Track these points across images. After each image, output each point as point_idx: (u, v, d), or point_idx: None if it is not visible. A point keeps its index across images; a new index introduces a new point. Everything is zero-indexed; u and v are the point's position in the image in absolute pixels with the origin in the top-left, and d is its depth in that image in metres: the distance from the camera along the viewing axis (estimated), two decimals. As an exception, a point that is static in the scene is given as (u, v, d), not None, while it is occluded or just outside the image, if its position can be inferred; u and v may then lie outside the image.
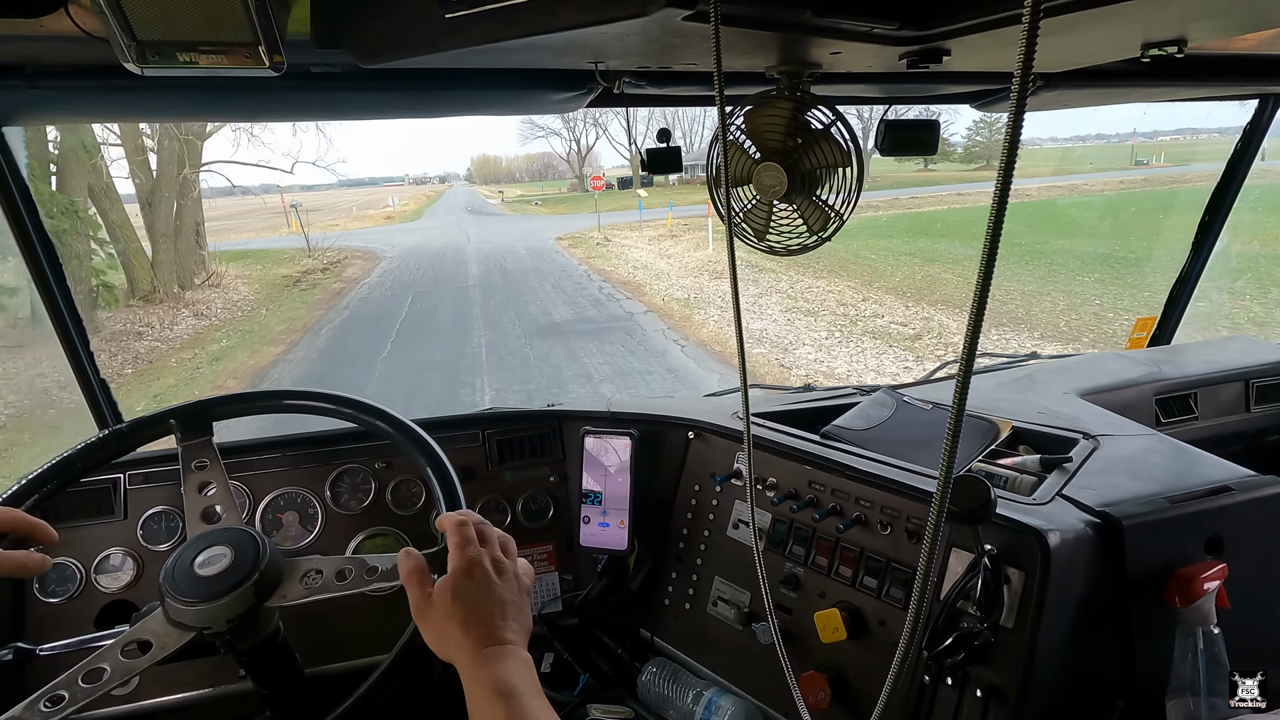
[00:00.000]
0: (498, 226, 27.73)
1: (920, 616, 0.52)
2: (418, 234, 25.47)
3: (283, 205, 26.14)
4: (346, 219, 34.77)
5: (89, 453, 0.99)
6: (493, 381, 7.20)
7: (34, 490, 0.94)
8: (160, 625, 0.83)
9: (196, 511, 0.96)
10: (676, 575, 1.26)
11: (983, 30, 0.78)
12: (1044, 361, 1.81)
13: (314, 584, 0.87)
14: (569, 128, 52.38)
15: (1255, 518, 0.95)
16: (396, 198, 34.11)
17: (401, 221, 34.11)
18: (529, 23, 0.69)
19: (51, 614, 1.18)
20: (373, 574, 0.87)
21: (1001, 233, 0.43)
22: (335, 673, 1.24)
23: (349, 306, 12.19)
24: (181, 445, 1.01)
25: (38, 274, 1.23)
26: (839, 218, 1.00)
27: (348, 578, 0.87)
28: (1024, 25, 0.39)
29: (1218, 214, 1.85)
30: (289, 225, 24.29)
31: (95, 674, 0.78)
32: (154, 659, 0.80)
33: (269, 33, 0.71)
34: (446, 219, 34.20)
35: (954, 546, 0.91)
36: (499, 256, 17.34)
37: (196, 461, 1.00)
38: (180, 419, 1.03)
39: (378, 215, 36.67)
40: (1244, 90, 1.59)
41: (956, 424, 0.47)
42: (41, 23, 0.73)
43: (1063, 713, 0.85)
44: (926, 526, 0.51)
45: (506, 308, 11.01)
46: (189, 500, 0.97)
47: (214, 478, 0.99)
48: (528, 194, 55.62)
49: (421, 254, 19.22)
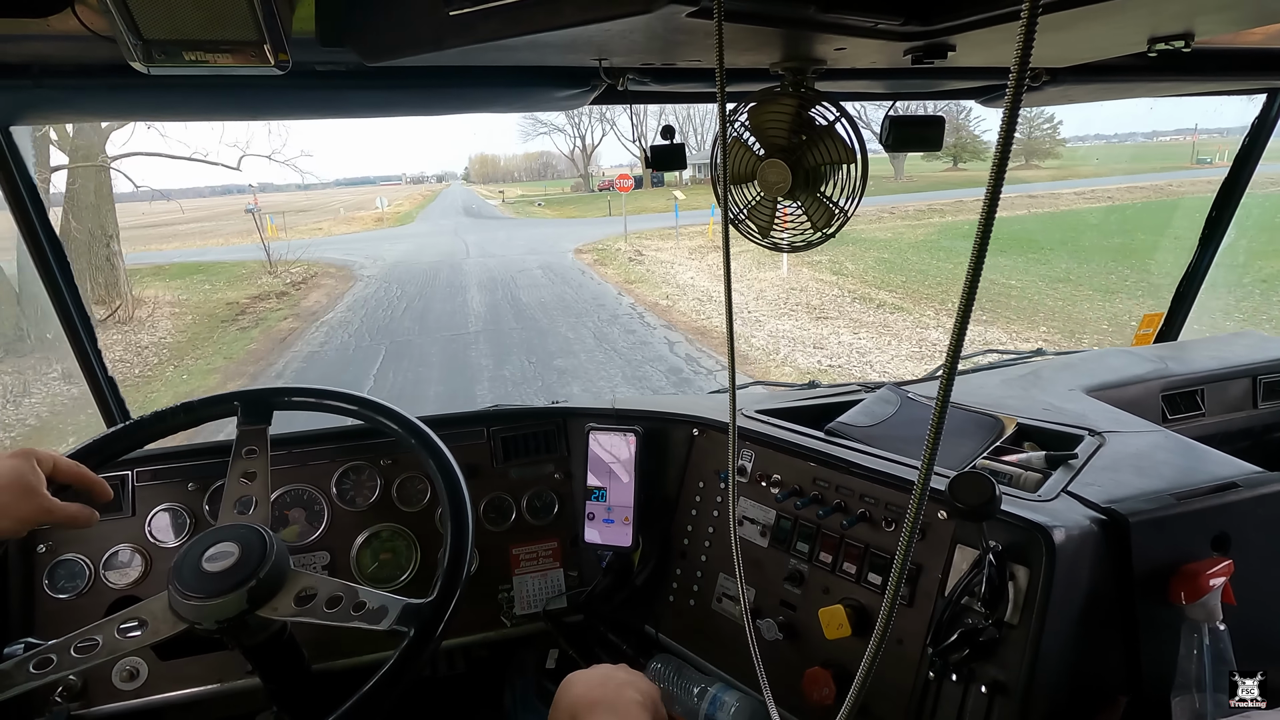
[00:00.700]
0: (501, 234, 23.88)
1: (894, 603, 0.52)
2: (408, 241, 22.08)
3: (255, 204, 22.92)
4: (333, 222, 32.42)
5: (159, 418, 1.06)
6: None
7: (105, 448, 1.02)
8: (160, 609, 0.85)
9: (233, 498, 0.99)
10: (681, 572, 1.26)
11: (987, 25, 0.78)
12: (1050, 358, 1.80)
13: (305, 604, 0.89)
14: (573, 124, 49.42)
15: (1262, 515, 0.95)
16: (386, 199, 30.11)
17: (393, 225, 31.05)
18: (533, 20, 0.70)
19: (61, 609, 1.19)
20: (359, 610, 0.88)
21: (992, 229, 0.43)
22: (341, 669, 1.25)
23: (288, 367, 8.15)
24: (240, 429, 1.07)
25: (45, 272, 1.24)
26: (843, 214, 1.00)
27: (336, 606, 0.88)
28: (1022, 21, 0.39)
29: (1225, 209, 1.84)
30: (264, 230, 21.22)
31: (87, 646, 0.80)
32: (144, 641, 0.82)
33: (274, 31, 0.72)
34: (442, 223, 30.93)
35: (959, 543, 0.91)
36: (508, 279, 13.15)
37: (248, 448, 1.05)
38: (244, 402, 1.09)
39: (368, 218, 33.89)
40: (1252, 85, 1.58)
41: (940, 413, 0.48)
42: (48, 22, 0.73)
43: (1067, 709, 0.85)
44: (907, 513, 0.51)
45: (531, 381, 7.00)
46: (229, 485, 1.00)
47: (258, 467, 1.03)
48: (529, 194, 53.03)
49: (408, 272, 15.01)
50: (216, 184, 49.91)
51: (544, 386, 6.83)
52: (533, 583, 1.38)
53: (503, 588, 1.37)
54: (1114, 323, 8.67)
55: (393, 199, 48.72)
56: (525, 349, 8.14)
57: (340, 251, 19.12)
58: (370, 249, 19.86)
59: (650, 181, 40.25)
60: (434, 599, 0.88)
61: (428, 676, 1.48)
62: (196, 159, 13.94)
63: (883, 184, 33.11)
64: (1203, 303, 1.96)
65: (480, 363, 7.75)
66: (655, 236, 18.44)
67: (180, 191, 27.70)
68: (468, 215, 35.86)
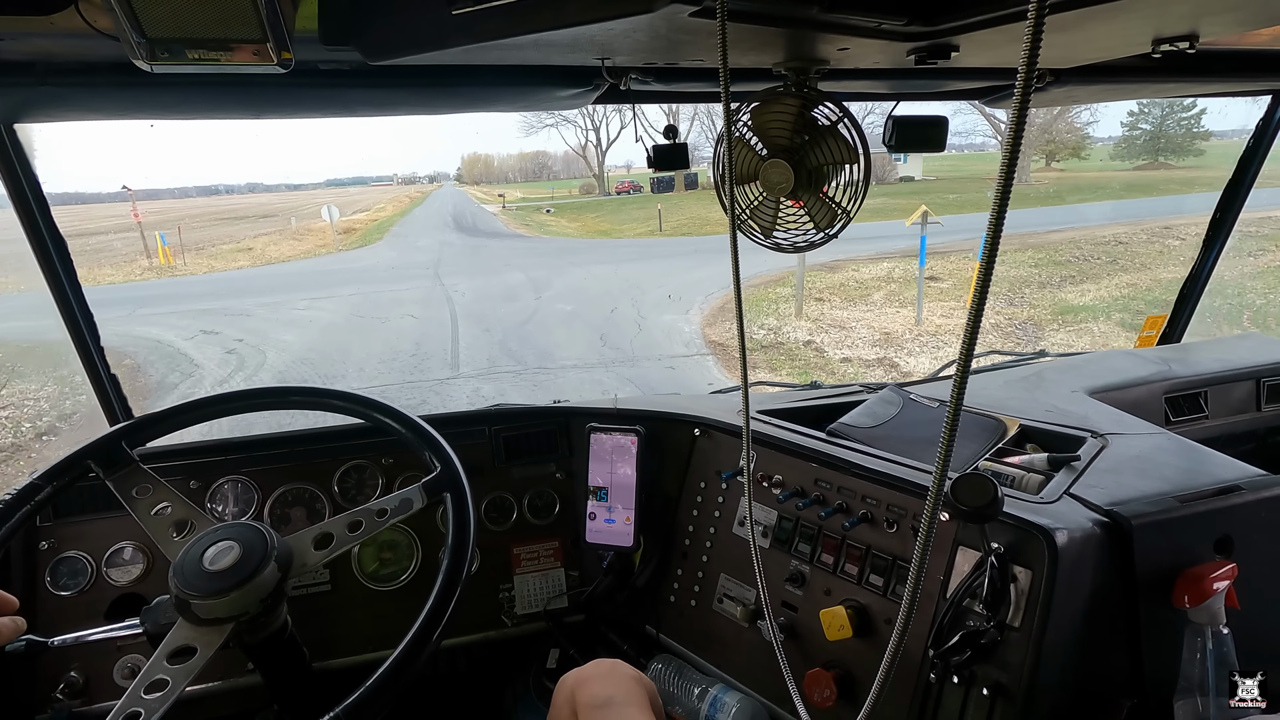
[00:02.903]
0: (511, 277, 13.08)
1: (912, 613, 0.52)
2: (331, 303, 11.27)
3: (135, 216, 18.20)
4: (277, 237, 22.82)
5: (7, 512, 0.93)
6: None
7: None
8: (190, 630, 0.82)
9: (165, 532, 0.93)
10: (682, 572, 1.26)
11: (991, 26, 0.77)
12: (1053, 360, 1.80)
13: (328, 544, 0.89)
14: (586, 115, 36.52)
15: (1265, 518, 0.95)
16: (337, 210, 19.75)
17: (351, 247, 20.91)
18: (536, 19, 0.70)
19: (63, 607, 1.19)
20: (384, 515, 0.90)
21: (1002, 230, 0.42)
22: (342, 667, 1.25)
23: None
24: (108, 481, 0.97)
25: (49, 270, 1.25)
26: (845, 215, 1.00)
27: (359, 529, 0.90)
28: (1029, 22, 0.39)
29: (1229, 211, 1.83)
30: (155, 255, 17.22)
31: (157, 685, 0.78)
32: (204, 659, 0.81)
33: (277, 30, 0.72)
34: (420, 242, 20.83)
35: (961, 545, 0.91)
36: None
37: (136, 489, 0.96)
38: (95, 457, 0.98)
39: (328, 230, 22.92)
40: (1257, 86, 1.58)
41: (954, 420, 0.47)
42: (52, 20, 0.73)
43: (1070, 712, 0.85)
44: (921, 521, 0.51)
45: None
46: (150, 525, 0.94)
47: (164, 496, 0.96)
48: (531, 197, 43.18)
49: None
50: (205, 183, 47.10)
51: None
52: (534, 582, 1.38)
53: (504, 587, 1.37)
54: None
55: (374, 202, 38.78)
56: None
57: (221, 313, 10.69)
58: (278, 311, 10.99)
59: (684, 184, 31.08)
60: (440, 469, 0.95)
61: (428, 675, 1.47)
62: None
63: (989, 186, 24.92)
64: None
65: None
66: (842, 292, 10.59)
67: (167, 191, 25.82)
68: (458, 230, 24.68)
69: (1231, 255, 5.02)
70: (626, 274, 12.89)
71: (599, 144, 41.91)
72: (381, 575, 1.30)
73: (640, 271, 13.15)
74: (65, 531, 1.22)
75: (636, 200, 27.03)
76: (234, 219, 23.84)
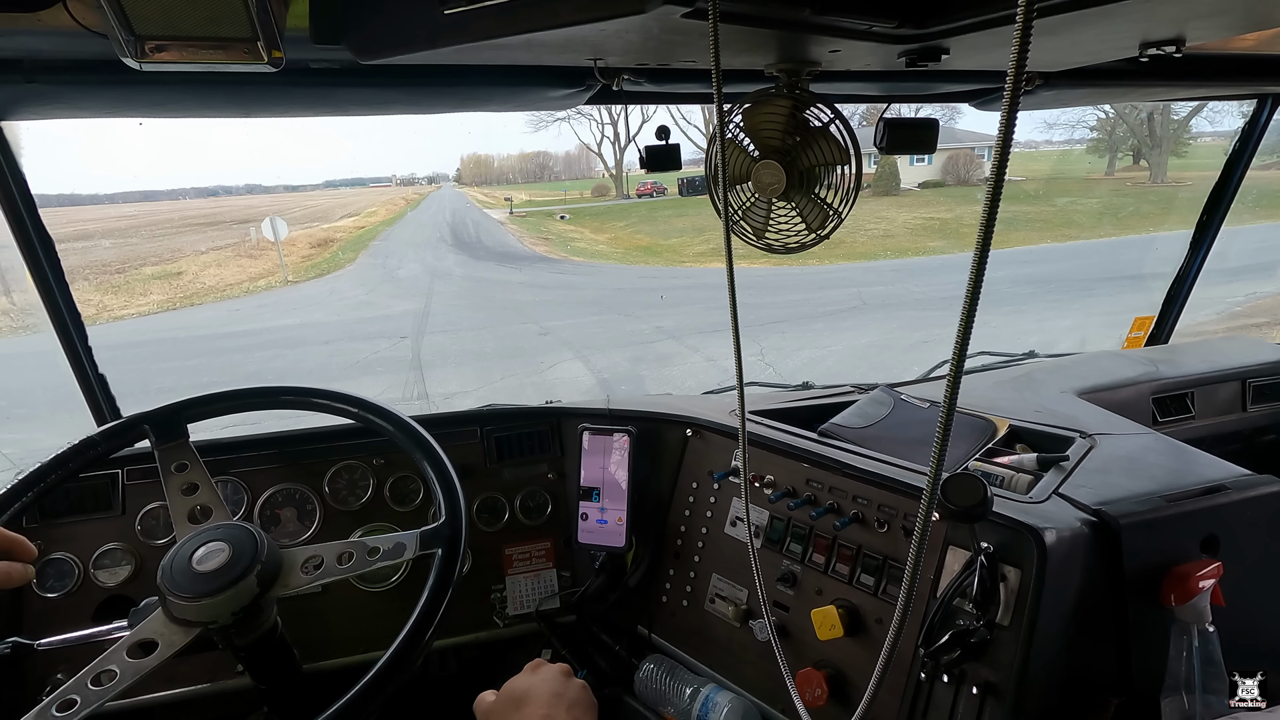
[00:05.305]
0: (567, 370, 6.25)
1: (907, 612, 0.53)
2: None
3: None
4: (229, 257, 15.88)
5: (60, 464, 0.98)
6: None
7: (8, 504, 0.93)
8: (163, 624, 0.82)
9: (183, 513, 0.95)
10: (674, 572, 1.26)
11: (981, 29, 0.78)
12: (1042, 360, 1.81)
13: (316, 570, 0.88)
14: (603, 107, 19.15)
15: (1251, 517, 0.96)
16: (284, 224, 13.41)
17: (307, 276, 14.51)
18: (527, 19, 0.69)
19: (49, 609, 1.18)
20: (374, 554, 0.89)
21: (993, 233, 0.43)
22: (333, 669, 1.24)
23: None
24: (157, 450, 1.00)
25: (35, 269, 1.23)
26: (837, 216, 1.00)
27: (349, 561, 0.88)
28: (1018, 25, 0.39)
29: (1215, 213, 1.85)
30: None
31: (105, 676, 0.77)
32: (161, 657, 0.80)
33: (268, 28, 0.71)
34: (402, 270, 14.60)
35: (950, 544, 0.91)
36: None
37: (176, 464, 0.99)
38: (154, 424, 1.01)
39: (291, 253, 16.09)
40: (1243, 90, 1.60)
41: (947, 422, 0.48)
42: (40, 17, 0.73)
43: (1058, 710, 0.86)
44: (916, 522, 0.51)
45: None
46: (173, 502, 0.96)
47: (197, 479, 0.98)
48: (539, 200, 33.69)
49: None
50: (204, 184, 44.61)
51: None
52: (525, 583, 1.38)
53: (495, 588, 1.36)
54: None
55: (366, 205, 29.89)
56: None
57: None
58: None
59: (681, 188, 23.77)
60: (445, 520, 0.91)
61: (419, 677, 1.47)
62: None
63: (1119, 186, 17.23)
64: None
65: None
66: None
67: (166, 193, 23.44)
68: (457, 248, 18.01)
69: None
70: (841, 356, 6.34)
71: (617, 139, 32.44)
72: (373, 576, 1.30)
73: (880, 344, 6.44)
74: (52, 533, 1.21)
75: (669, 204, 21.17)
76: (205, 225, 19.39)
